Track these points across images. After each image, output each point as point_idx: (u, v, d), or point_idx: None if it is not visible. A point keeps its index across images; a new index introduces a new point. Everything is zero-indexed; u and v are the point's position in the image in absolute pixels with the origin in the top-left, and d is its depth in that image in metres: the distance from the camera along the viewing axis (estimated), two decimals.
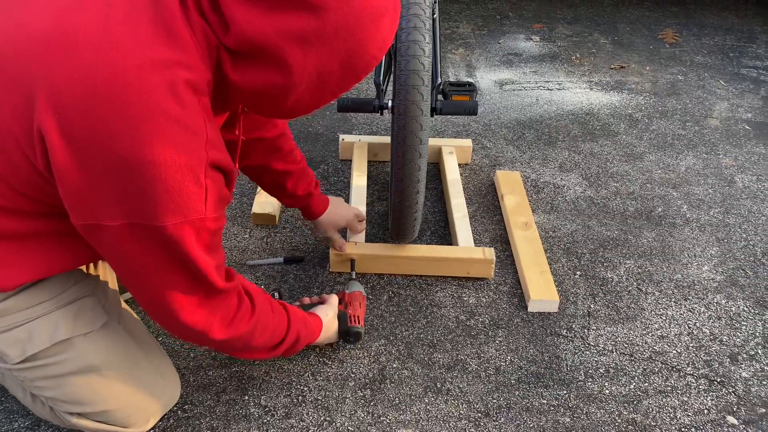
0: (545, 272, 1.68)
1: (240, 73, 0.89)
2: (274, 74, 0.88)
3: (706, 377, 1.48)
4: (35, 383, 1.13)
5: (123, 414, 1.19)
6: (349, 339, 1.45)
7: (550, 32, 3.15)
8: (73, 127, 0.83)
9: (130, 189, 0.85)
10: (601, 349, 1.54)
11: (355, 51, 0.90)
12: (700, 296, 1.70)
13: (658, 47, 3.05)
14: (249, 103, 0.97)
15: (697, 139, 2.38)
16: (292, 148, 1.49)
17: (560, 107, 2.53)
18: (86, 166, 0.84)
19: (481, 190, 2.04)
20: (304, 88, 0.91)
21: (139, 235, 0.89)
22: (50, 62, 0.83)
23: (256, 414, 1.35)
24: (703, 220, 1.97)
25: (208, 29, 0.86)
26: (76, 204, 0.89)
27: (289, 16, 0.83)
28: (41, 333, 1.07)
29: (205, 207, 0.90)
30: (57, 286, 1.09)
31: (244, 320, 1.10)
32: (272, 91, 0.91)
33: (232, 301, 1.08)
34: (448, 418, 1.36)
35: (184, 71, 0.85)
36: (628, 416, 1.38)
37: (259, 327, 1.13)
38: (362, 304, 1.49)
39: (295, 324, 1.25)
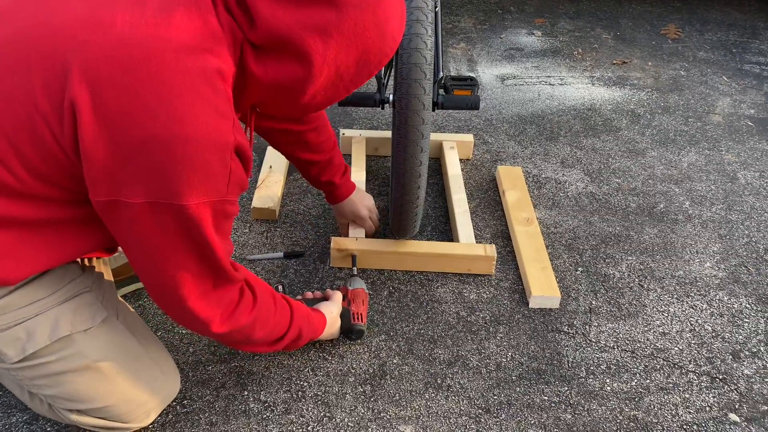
0: (546, 268, 1.67)
1: (263, 67, 0.92)
2: (296, 66, 0.91)
3: (708, 374, 1.47)
4: (34, 382, 1.12)
5: (123, 410, 1.18)
6: (351, 336, 1.45)
7: (552, 27, 3.13)
8: (107, 101, 0.84)
9: (157, 166, 0.86)
10: (603, 345, 1.53)
11: (370, 46, 0.93)
12: (703, 293, 1.69)
13: (660, 43, 3.04)
14: (266, 98, 0.99)
15: (700, 135, 2.36)
16: (321, 141, 1.54)
17: (562, 102, 2.52)
18: (116, 141, 0.86)
19: (482, 186, 2.03)
20: (321, 82, 0.94)
21: (158, 215, 0.90)
22: (87, 39, 0.86)
23: (255, 409, 1.34)
24: (705, 216, 1.96)
25: (234, 25, 0.90)
26: (100, 179, 0.89)
27: (310, 10, 0.88)
28: (41, 330, 1.06)
29: (228, 189, 0.92)
30: (55, 282, 1.08)
31: (245, 313, 1.10)
32: (292, 84, 0.93)
33: (235, 293, 1.08)
34: (448, 414, 1.35)
35: (216, 59, 0.88)
36: (630, 413, 1.38)
37: (260, 320, 1.13)
38: (365, 301, 1.48)
39: (297, 319, 1.25)
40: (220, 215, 0.94)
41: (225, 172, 0.90)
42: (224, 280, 1.03)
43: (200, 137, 0.86)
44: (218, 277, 1.02)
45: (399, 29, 0.97)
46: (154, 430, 1.28)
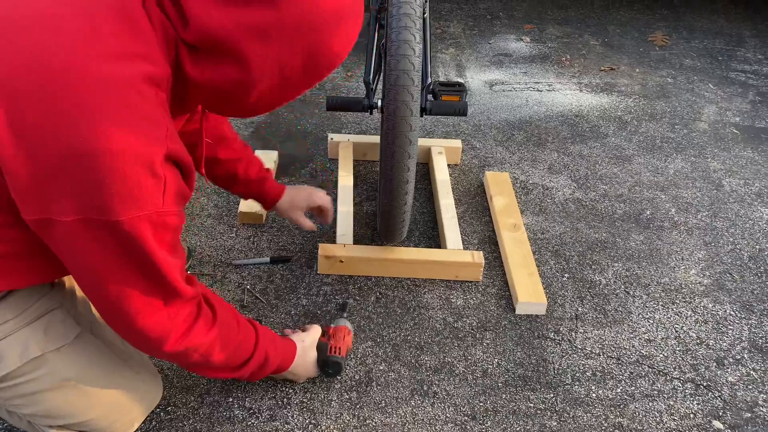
0: (533, 274, 1.67)
1: (199, 69, 0.87)
2: (232, 69, 0.86)
3: (692, 381, 1.48)
4: (10, 402, 1.09)
5: (105, 422, 1.16)
6: (327, 371, 1.37)
7: (541, 33, 3.15)
8: (24, 115, 0.79)
9: (83, 181, 0.81)
10: (589, 352, 1.53)
11: (317, 47, 0.87)
12: (687, 300, 1.70)
13: (647, 50, 3.06)
14: (210, 101, 0.94)
15: (686, 142, 2.38)
16: (234, 136, 1.46)
17: (550, 108, 2.53)
18: (37, 157, 0.80)
19: (470, 191, 2.03)
20: (265, 85, 0.89)
21: (93, 232, 0.85)
22: (3, 48, 0.81)
23: (240, 416, 1.33)
24: (690, 223, 1.98)
25: (167, 23, 0.85)
26: (26, 198, 0.84)
27: (247, 10, 0.81)
28: (11, 353, 1.02)
29: (163, 201, 0.86)
30: (21, 303, 1.03)
31: (202, 330, 1.04)
32: (232, 88, 0.88)
33: (192, 309, 1.02)
34: (434, 421, 1.35)
35: (145, 64, 0.83)
36: (615, 420, 1.38)
37: (220, 341, 1.07)
38: (346, 338, 1.41)
39: (264, 343, 1.18)
40: (161, 228, 0.88)
41: (158, 184, 0.85)
42: (174, 295, 0.97)
43: (126, 148, 0.80)
44: (167, 293, 0.96)
45: (354, 28, 0.90)
46: None
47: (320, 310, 1.58)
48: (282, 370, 1.29)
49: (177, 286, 0.96)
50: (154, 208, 0.86)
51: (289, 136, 2.23)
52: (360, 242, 1.77)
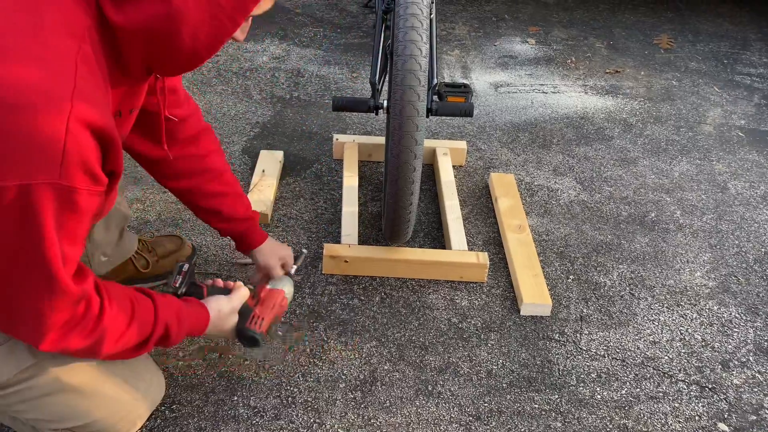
0: (538, 276, 1.67)
1: (123, 13, 0.82)
2: (154, 3, 0.81)
3: (697, 383, 1.48)
4: (12, 408, 1.08)
5: (108, 423, 1.16)
6: (243, 341, 1.24)
7: (546, 35, 3.15)
8: None
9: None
10: (593, 353, 1.53)
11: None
12: (693, 302, 1.70)
13: (653, 52, 3.06)
14: (147, 54, 0.88)
15: (691, 144, 2.38)
16: (223, 169, 1.38)
17: (555, 111, 2.53)
18: None
19: (475, 192, 2.03)
20: (194, 15, 0.83)
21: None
22: None
23: (245, 415, 1.33)
24: (696, 226, 1.97)
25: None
26: None
27: None
28: (5, 362, 1.01)
29: (60, 172, 0.76)
30: None
31: (85, 332, 0.94)
32: (160, 25, 0.83)
33: (76, 306, 0.91)
34: (439, 421, 1.35)
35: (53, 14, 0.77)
36: (620, 421, 1.38)
37: (107, 338, 0.97)
38: (277, 307, 1.28)
39: (163, 316, 1.07)
40: (59, 206, 0.78)
41: (55, 147, 0.75)
42: (58, 290, 0.85)
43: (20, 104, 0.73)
44: (50, 287, 0.85)
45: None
46: None
47: (325, 309, 1.58)
48: (194, 335, 1.19)
49: (61, 279, 0.85)
50: (49, 178, 0.75)
51: (294, 136, 2.24)
52: (365, 243, 1.77)
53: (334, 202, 1.93)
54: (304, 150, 2.17)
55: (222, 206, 1.38)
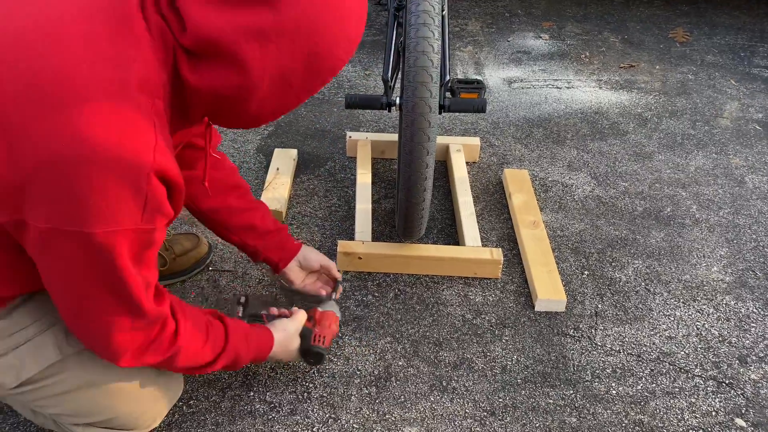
0: (553, 271, 1.67)
1: (198, 75, 0.85)
2: (231, 73, 0.84)
3: (714, 379, 1.47)
4: (36, 403, 1.11)
5: (129, 419, 1.18)
6: (309, 360, 1.35)
7: (560, 30, 3.13)
8: (8, 118, 0.78)
9: (61, 189, 0.79)
10: (609, 349, 1.53)
11: (318, 50, 0.85)
12: (709, 297, 1.69)
13: (668, 46, 3.03)
14: (212, 110, 0.92)
15: (707, 138, 2.36)
16: (247, 187, 1.44)
17: (569, 106, 2.52)
18: (18, 161, 0.79)
19: (488, 189, 2.03)
20: (266, 89, 0.87)
21: (64, 241, 0.83)
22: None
23: (261, 410, 1.34)
24: (712, 220, 1.96)
25: (165, 28, 0.83)
26: (3, 199, 0.83)
27: (245, 12, 0.80)
28: (33, 357, 1.04)
29: (142, 217, 0.83)
30: (39, 308, 1.04)
31: (161, 349, 1.02)
32: (231, 93, 0.86)
33: (154, 327, 0.99)
34: (453, 416, 1.35)
35: (138, 71, 0.81)
36: (635, 417, 1.37)
37: (181, 354, 1.05)
38: (332, 325, 1.38)
39: (234, 343, 1.16)
40: (138, 245, 0.86)
41: (139, 199, 0.81)
42: (138, 314, 0.94)
43: (110, 158, 0.77)
44: (131, 311, 0.93)
45: (355, 31, 0.88)
46: (159, 430, 1.29)
47: (340, 306, 1.59)
48: (260, 361, 1.28)
49: (142, 306, 0.93)
50: (133, 224, 0.83)
51: (307, 134, 2.25)
52: (378, 240, 1.77)
53: (348, 199, 1.94)
54: (318, 148, 2.18)
55: (255, 219, 1.42)
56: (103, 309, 0.92)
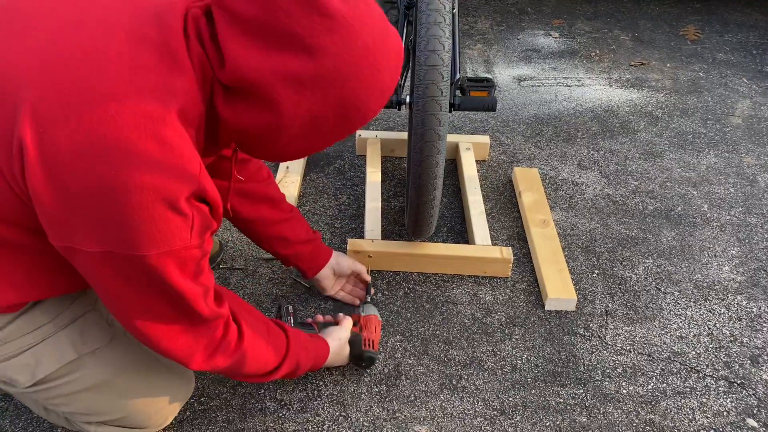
0: (563, 270, 1.66)
1: (231, 110, 0.87)
2: (264, 114, 0.86)
3: (725, 379, 1.46)
4: (50, 401, 1.12)
5: (141, 417, 1.19)
6: (361, 364, 1.40)
7: (570, 28, 3.12)
8: (55, 145, 0.78)
9: (110, 216, 0.81)
10: (619, 348, 1.52)
11: (351, 100, 0.87)
12: (721, 297, 1.68)
13: (679, 44, 3.01)
14: (239, 141, 0.94)
15: (719, 137, 2.34)
16: (281, 197, 1.46)
17: (579, 104, 2.51)
18: (64, 189, 0.80)
19: (498, 187, 2.03)
20: (295, 132, 0.89)
21: (117, 264, 0.86)
22: (41, 76, 0.81)
23: (271, 407, 1.35)
24: (724, 219, 1.95)
25: (205, 60, 0.85)
26: (51, 225, 0.85)
27: (285, 57, 0.81)
28: (48, 356, 1.05)
29: (191, 236, 0.86)
30: (56, 307, 1.05)
31: (227, 352, 1.04)
32: (261, 132, 0.88)
33: (217, 331, 1.02)
34: (463, 415, 1.36)
35: (181, 100, 0.83)
36: (646, 417, 1.37)
37: (248, 358, 1.08)
38: (377, 329, 1.44)
39: (295, 350, 1.19)
40: (186, 261, 0.89)
41: (186, 220, 0.84)
42: (199, 320, 0.98)
43: (157, 186, 0.80)
44: (192, 319, 0.97)
45: (391, 82, 0.89)
46: (171, 427, 1.30)
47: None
48: (315, 369, 1.32)
49: (201, 312, 0.96)
50: (181, 244, 0.86)
51: None
52: (388, 238, 1.78)
53: (357, 197, 1.95)
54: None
55: (286, 231, 1.45)
56: (165, 319, 0.95)
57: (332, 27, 0.81)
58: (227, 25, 0.82)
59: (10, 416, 1.31)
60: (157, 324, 0.95)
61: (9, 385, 1.07)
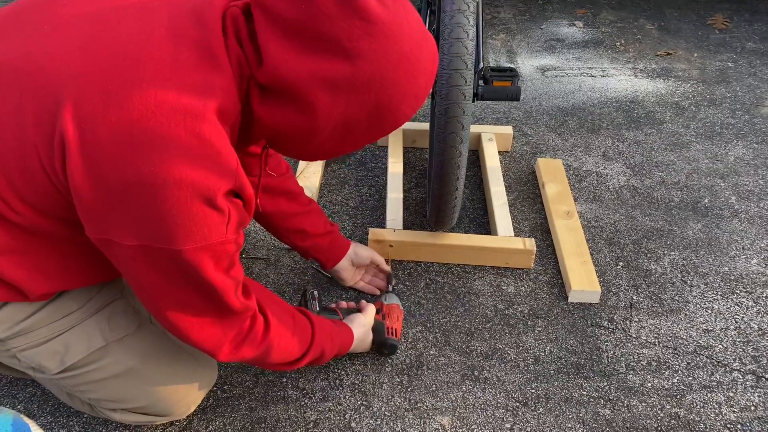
0: (587, 262, 1.64)
1: (266, 109, 0.88)
2: (299, 116, 0.86)
3: (753, 373, 1.44)
4: (76, 388, 1.14)
5: (165, 405, 1.21)
6: (383, 351, 1.41)
7: (594, 18, 3.07)
8: (97, 139, 0.80)
9: (149, 212, 0.82)
10: (644, 341, 1.50)
11: (385, 105, 0.87)
12: (749, 290, 1.65)
13: (706, 33, 2.95)
14: (270, 140, 0.96)
15: (747, 128, 2.29)
16: (299, 191, 1.47)
17: (604, 94, 2.47)
18: (104, 183, 0.81)
19: (521, 178, 2.01)
20: (327, 134, 0.90)
21: (154, 258, 0.87)
22: (83, 72, 0.82)
23: (294, 396, 1.36)
24: (752, 212, 1.91)
25: (243, 59, 0.86)
26: (90, 218, 0.86)
27: (323, 60, 0.82)
28: (77, 343, 1.07)
29: (227, 230, 0.87)
30: (84, 295, 1.08)
31: (254, 343, 1.06)
32: (295, 132, 0.89)
33: (244, 325, 1.04)
34: (485, 406, 1.35)
35: (219, 98, 0.83)
36: (671, 410, 1.35)
37: (274, 348, 1.10)
38: (400, 317, 1.45)
39: (319, 338, 1.20)
40: (221, 255, 0.90)
41: (222, 216, 0.86)
42: (229, 313, 0.99)
43: (195, 181, 0.81)
44: (222, 311, 0.99)
45: (425, 87, 0.90)
46: (195, 414, 1.31)
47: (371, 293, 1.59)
48: (340, 356, 1.34)
49: (232, 305, 0.97)
50: (218, 238, 0.87)
51: None
52: (409, 229, 1.77)
53: (379, 188, 1.94)
54: None
55: (304, 223, 1.46)
56: (196, 311, 0.96)
57: (372, 32, 0.81)
58: (267, 24, 0.83)
59: (38, 401, 1.34)
60: (188, 316, 0.96)
61: (38, 371, 1.09)
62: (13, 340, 1.03)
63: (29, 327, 1.03)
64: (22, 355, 1.05)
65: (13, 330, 1.02)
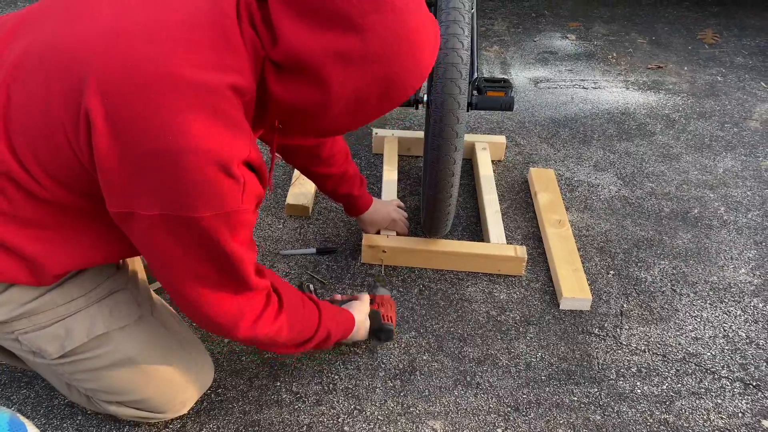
0: (578, 270, 1.67)
1: (281, 87, 0.91)
2: (313, 91, 0.90)
3: (741, 380, 1.46)
4: (74, 376, 1.16)
5: (160, 401, 1.22)
6: (380, 337, 1.45)
7: (587, 31, 3.12)
8: (119, 113, 0.85)
9: (169, 179, 0.86)
10: (634, 348, 1.52)
11: (393, 77, 0.91)
12: (737, 299, 1.67)
13: (696, 48, 3.00)
14: (285, 118, 0.99)
15: (736, 140, 2.33)
16: (330, 154, 1.53)
17: (596, 106, 2.51)
18: (127, 153, 0.86)
19: (513, 187, 2.03)
20: (340, 109, 0.93)
21: (172, 226, 0.91)
22: (105, 51, 0.87)
23: (287, 400, 1.36)
24: (740, 222, 1.94)
25: (257, 41, 0.90)
26: (114, 190, 0.90)
27: (334, 35, 0.86)
28: (79, 328, 1.09)
29: (242, 199, 0.91)
30: (90, 282, 1.10)
31: (269, 320, 1.10)
32: (309, 108, 0.93)
33: (261, 299, 1.08)
34: (477, 411, 1.36)
35: (234, 76, 0.88)
36: (660, 416, 1.37)
37: (287, 325, 1.13)
38: (393, 307, 1.50)
39: (326, 321, 1.25)
40: (237, 225, 0.94)
41: (238, 184, 0.90)
42: (246, 288, 1.03)
43: (213, 149, 0.86)
44: (239, 286, 1.02)
45: (429, 60, 0.95)
46: (189, 417, 1.32)
47: None
48: (342, 340, 1.38)
49: (248, 279, 1.01)
50: (234, 206, 0.91)
51: None
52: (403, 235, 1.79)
53: (374, 195, 1.95)
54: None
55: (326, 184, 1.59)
56: (214, 285, 1.00)
57: (380, 8, 0.86)
58: (281, 6, 0.87)
59: (32, 403, 1.34)
60: (205, 290, 0.99)
61: (38, 355, 1.11)
62: (16, 322, 1.06)
63: (34, 309, 1.05)
64: (24, 338, 1.07)
65: (17, 311, 1.04)
